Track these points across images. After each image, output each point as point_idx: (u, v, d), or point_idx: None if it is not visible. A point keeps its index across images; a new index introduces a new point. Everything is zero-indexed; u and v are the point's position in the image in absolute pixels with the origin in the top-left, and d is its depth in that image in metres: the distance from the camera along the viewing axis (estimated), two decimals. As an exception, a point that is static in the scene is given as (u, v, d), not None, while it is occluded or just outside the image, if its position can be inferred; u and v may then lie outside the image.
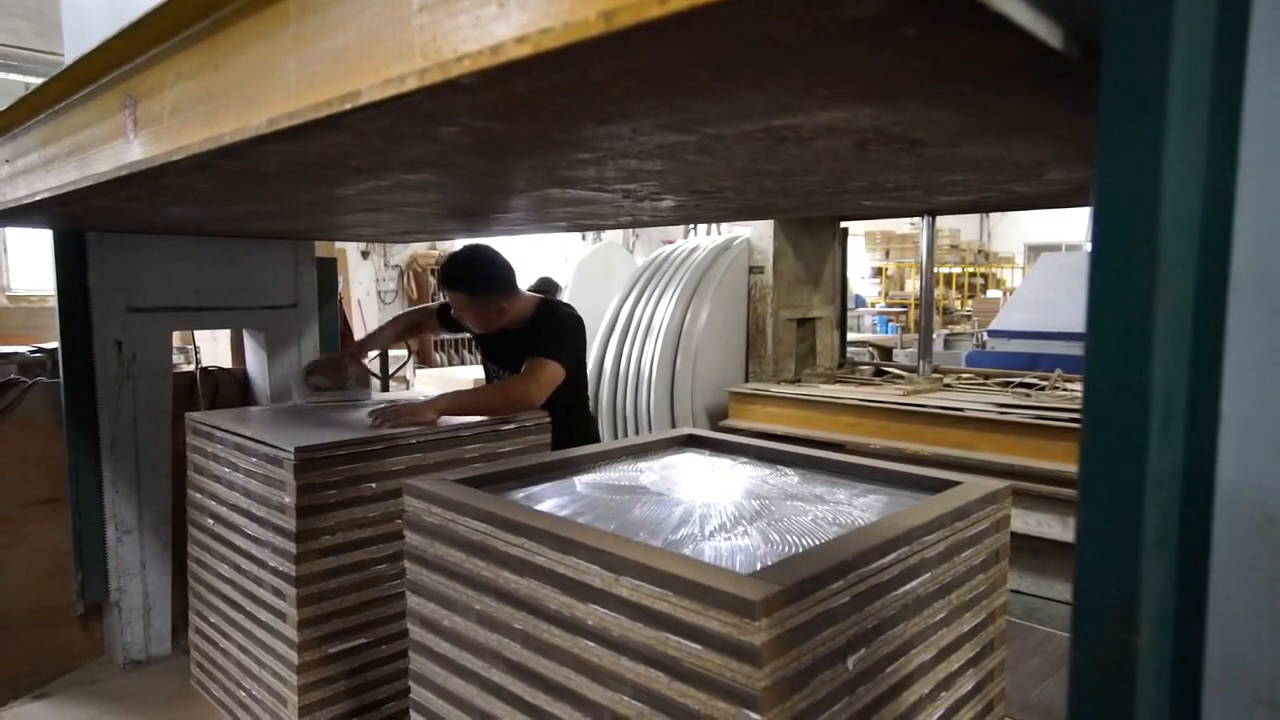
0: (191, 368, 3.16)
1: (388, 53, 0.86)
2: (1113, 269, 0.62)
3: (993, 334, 6.72)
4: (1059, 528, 3.43)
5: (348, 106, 0.86)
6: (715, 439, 2.09)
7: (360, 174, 1.29)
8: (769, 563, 1.24)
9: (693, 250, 5.26)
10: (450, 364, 10.02)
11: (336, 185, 1.43)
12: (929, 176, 1.37)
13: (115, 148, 1.52)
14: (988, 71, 0.72)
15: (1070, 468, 3.27)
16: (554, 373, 2.43)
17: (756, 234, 4.98)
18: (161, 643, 2.89)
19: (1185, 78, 0.61)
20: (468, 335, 2.93)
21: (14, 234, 9.55)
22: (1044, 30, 0.62)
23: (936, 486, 1.63)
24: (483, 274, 2.51)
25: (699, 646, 1.11)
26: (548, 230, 2.84)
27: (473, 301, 2.50)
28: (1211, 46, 0.65)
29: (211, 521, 2.41)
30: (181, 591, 2.70)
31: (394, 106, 0.84)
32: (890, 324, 12.28)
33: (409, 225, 2.45)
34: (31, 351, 3.47)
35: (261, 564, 2.17)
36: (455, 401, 2.39)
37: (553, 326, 2.56)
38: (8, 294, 10.27)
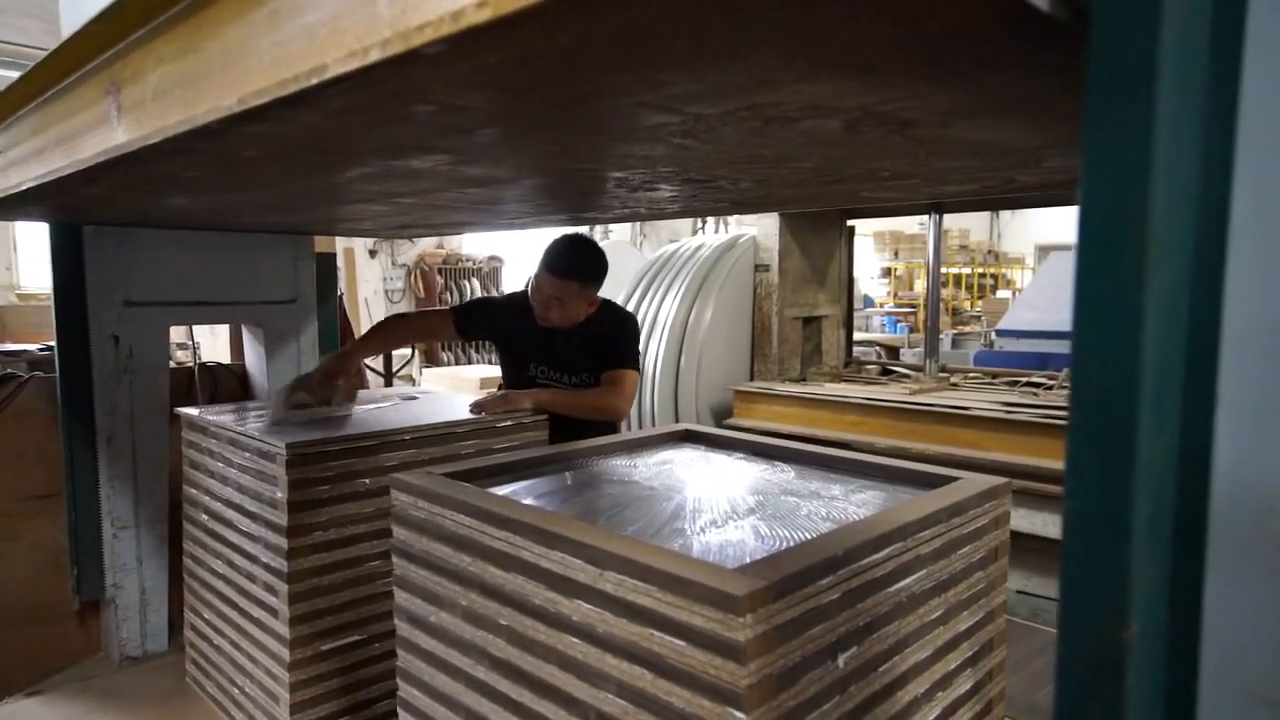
0: (191, 363, 3.15)
1: (358, 27, 0.84)
2: (1101, 242, 0.59)
3: (1001, 333, 6.66)
4: (1066, 528, 3.37)
5: (314, 82, 0.83)
6: (712, 434, 2.06)
7: (342, 159, 1.27)
8: (758, 558, 1.20)
9: (698, 248, 5.23)
10: (457, 363, 10.02)
11: (322, 172, 1.41)
12: (926, 163, 1.34)
13: (100, 134, 1.50)
14: (974, 40, 0.69)
15: (1078, 467, 3.22)
16: (635, 382, 2.45)
17: (762, 232, 4.95)
18: (158, 639, 2.88)
19: (1180, 39, 0.58)
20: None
21: (24, 234, 9.62)
22: (1028, -11, 0.59)
23: (934, 483, 1.60)
24: (599, 266, 2.41)
25: (683, 643, 1.08)
26: (547, 224, 2.81)
27: (581, 293, 2.37)
28: (1210, 5, 0.62)
29: (206, 517, 2.40)
30: (179, 588, 2.68)
31: (361, 81, 0.82)
32: (899, 324, 12.20)
33: (404, 219, 2.43)
34: (41, 349, 3.47)
35: (254, 560, 2.15)
36: (551, 396, 2.42)
37: (628, 334, 2.51)
38: (18, 292, 10.33)
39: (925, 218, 4.58)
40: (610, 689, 1.18)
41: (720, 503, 1.53)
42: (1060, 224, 15.79)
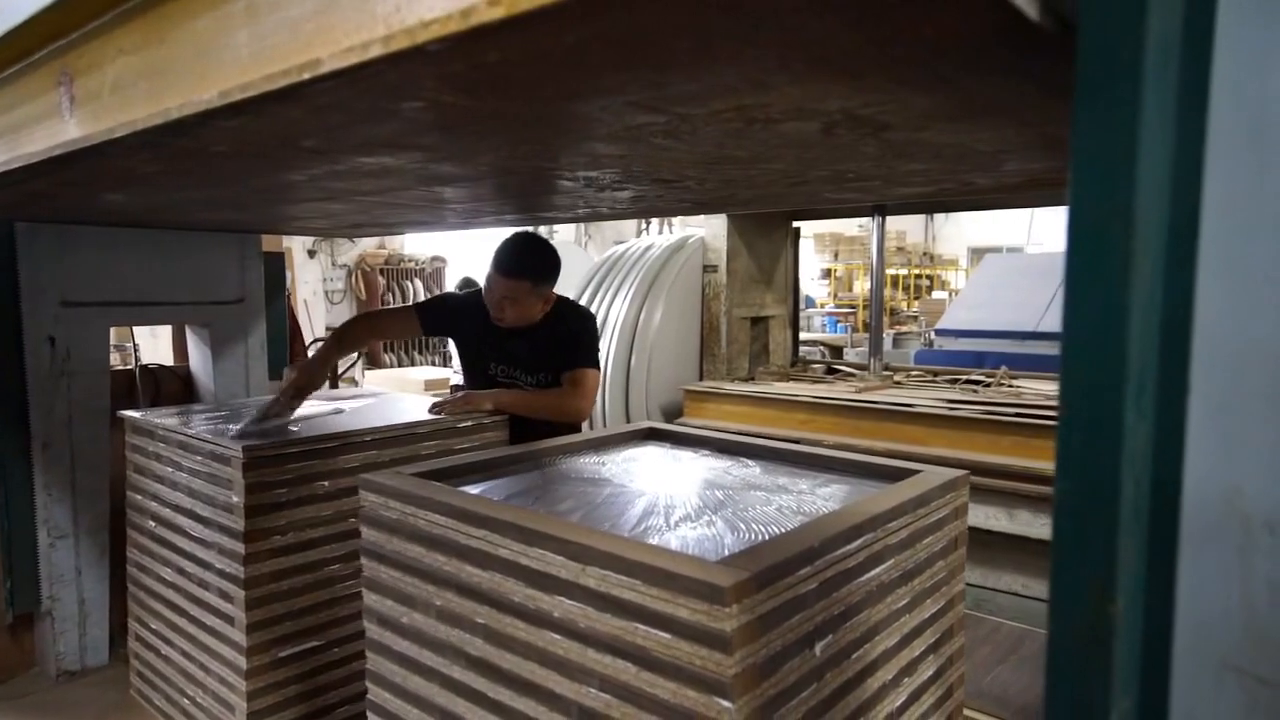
0: (130, 365, 3.04)
1: (348, 23, 0.83)
2: (1090, 240, 0.63)
3: (940, 333, 6.85)
4: (1006, 520, 3.50)
5: (306, 76, 0.82)
6: (676, 432, 2.08)
7: (314, 156, 1.25)
8: (736, 551, 1.23)
9: (647, 249, 5.26)
10: (400, 365, 9.86)
11: (289, 169, 1.38)
12: (891, 165, 1.38)
13: (50, 127, 1.45)
14: (963, 46, 0.72)
15: (1017, 462, 3.35)
16: (596, 381, 2.44)
17: (711, 233, 5.00)
18: (98, 652, 2.77)
19: (1160, 49, 0.62)
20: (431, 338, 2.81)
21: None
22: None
23: (896, 475, 1.65)
24: (551, 264, 2.38)
25: (668, 635, 1.09)
26: (503, 225, 2.80)
27: (533, 291, 2.33)
28: (1180, 18, 0.66)
29: (153, 524, 2.32)
30: (121, 598, 2.59)
31: (355, 76, 0.81)
32: (839, 324, 12.45)
33: (360, 218, 2.39)
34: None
35: (207, 566, 2.09)
36: (512, 398, 2.41)
37: (588, 334, 2.50)
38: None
39: (865, 220, 4.69)
40: (593, 683, 1.19)
41: (692, 498, 1.55)
42: (991, 227, 16.30)
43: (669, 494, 1.58)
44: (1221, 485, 0.69)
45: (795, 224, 5.36)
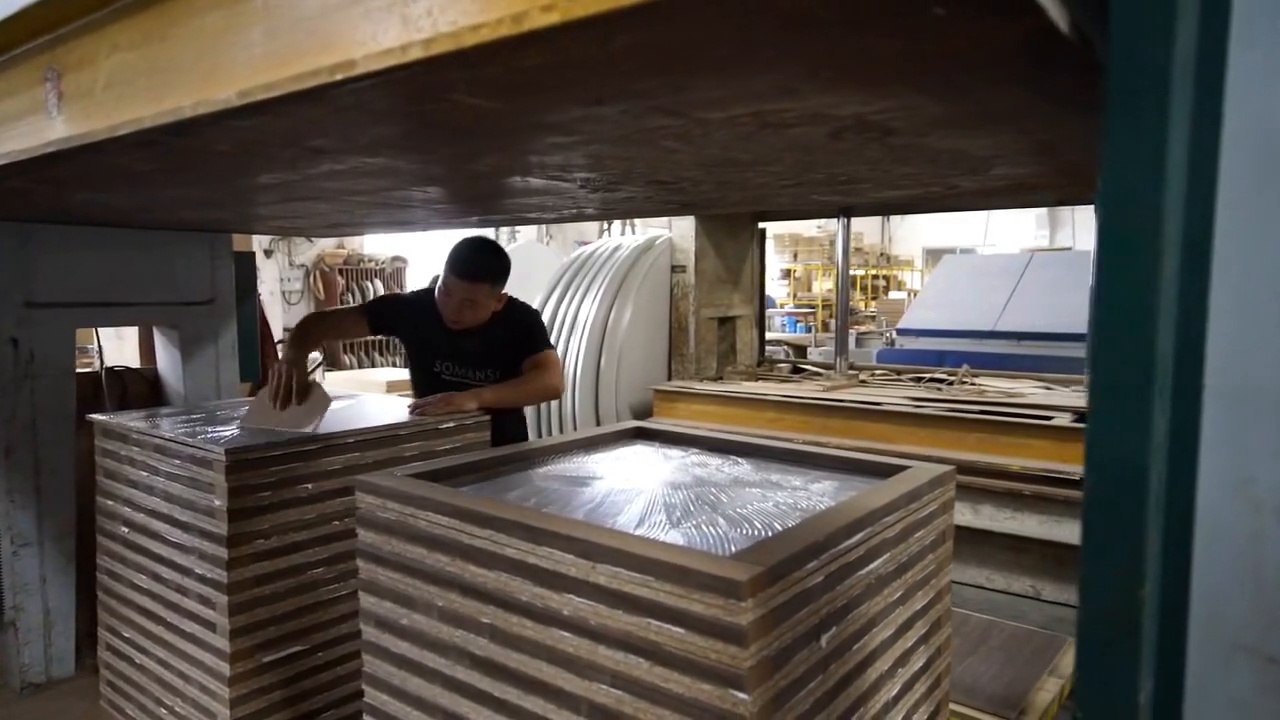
0: (95, 367, 2.96)
1: (372, 24, 0.84)
2: (1121, 244, 0.66)
3: (901, 332, 6.99)
4: (971, 515, 3.58)
5: (339, 77, 0.82)
6: (664, 431, 2.10)
7: (318, 155, 1.24)
8: (743, 547, 1.25)
9: (615, 249, 5.27)
10: (360, 366, 9.72)
11: (289, 169, 1.37)
12: (887, 169, 1.42)
13: (33, 124, 1.42)
14: (987, 57, 0.75)
15: (982, 458, 3.44)
16: (559, 360, 2.58)
17: (679, 233, 5.03)
18: (64, 663, 2.70)
19: (1182, 68, 0.65)
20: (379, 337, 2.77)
21: None
22: (1055, 12, 0.65)
23: (884, 471, 1.68)
24: (505, 265, 2.48)
25: (682, 630, 1.11)
26: (483, 225, 2.79)
27: (491, 293, 2.45)
28: (1196, 39, 0.70)
29: (126, 530, 2.27)
30: (88, 607, 2.52)
31: (389, 79, 0.81)
32: (799, 324, 12.59)
33: (342, 218, 2.36)
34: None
35: (187, 572, 2.05)
36: (495, 394, 2.47)
37: (538, 324, 2.67)
38: None
39: (824, 221, 4.77)
40: (604, 680, 1.20)
41: (689, 496, 1.57)
42: (946, 228, 16.63)
43: (666, 492, 1.59)
44: (1234, 476, 0.72)
45: (760, 225, 5.43)
